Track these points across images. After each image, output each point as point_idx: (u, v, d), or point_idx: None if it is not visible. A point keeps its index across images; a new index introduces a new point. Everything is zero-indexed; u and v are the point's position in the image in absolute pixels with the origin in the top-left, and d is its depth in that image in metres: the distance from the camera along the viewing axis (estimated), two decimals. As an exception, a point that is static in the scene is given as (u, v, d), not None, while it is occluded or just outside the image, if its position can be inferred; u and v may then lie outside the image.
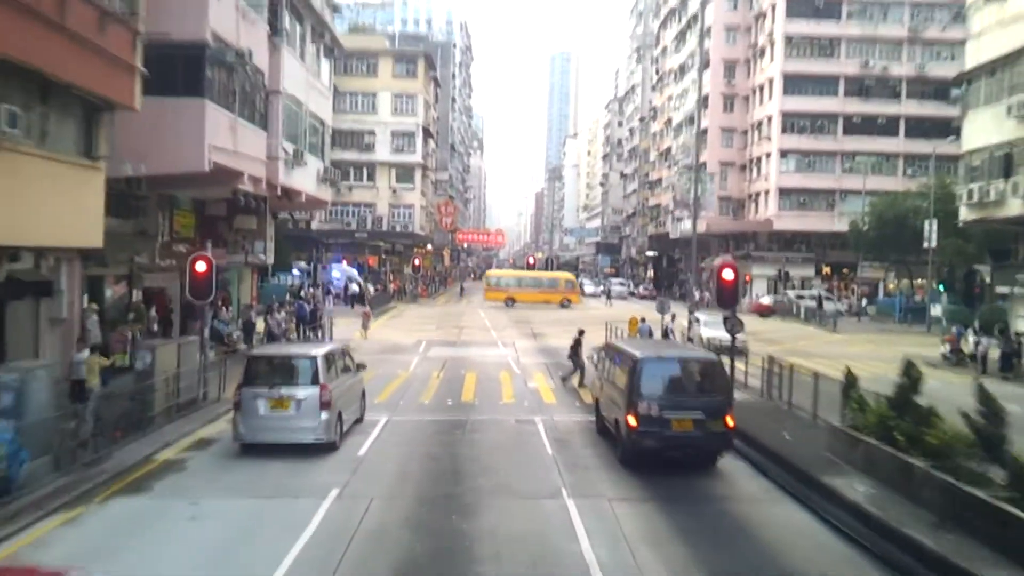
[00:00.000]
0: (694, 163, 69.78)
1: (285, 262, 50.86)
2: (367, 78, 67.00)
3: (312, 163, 29.94)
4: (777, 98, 64.65)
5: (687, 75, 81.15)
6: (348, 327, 38.90)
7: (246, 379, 14.48)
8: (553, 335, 38.52)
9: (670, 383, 13.94)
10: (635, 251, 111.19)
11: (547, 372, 26.11)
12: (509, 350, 32.25)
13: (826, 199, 65.16)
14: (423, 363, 27.76)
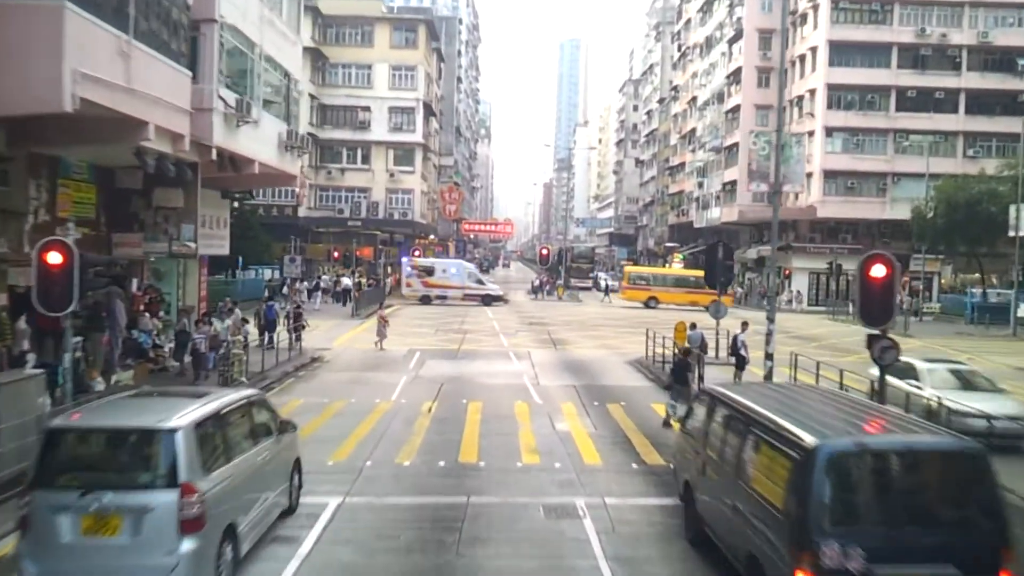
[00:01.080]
0: (767, 134, 62.69)
1: (261, 254, 44.24)
2: (361, 48, 60.07)
3: (269, 124, 23.13)
4: (822, 69, 57.48)
5: (715, 48, 74.15)
6: (330, 332, 32.15)
7: (40, 474, 7.66)
8: (575, 342, 31.63)
9: (884, 501, 7.02)
10: (653, 242, 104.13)
11: (579, 402, 19.22)
12: (524, 364, 25.40)
13: (876, 183, 58.06)
14: (412, 387, 20.92)
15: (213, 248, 25.84)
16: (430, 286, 49.47)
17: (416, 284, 49.69)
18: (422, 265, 51.48)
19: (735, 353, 21.51)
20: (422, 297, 49.29)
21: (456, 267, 52.08)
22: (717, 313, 26.30)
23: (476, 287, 50.07)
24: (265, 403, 10.33)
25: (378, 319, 28.63)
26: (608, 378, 23.00)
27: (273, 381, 21.13)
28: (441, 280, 49.46)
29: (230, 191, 25.30)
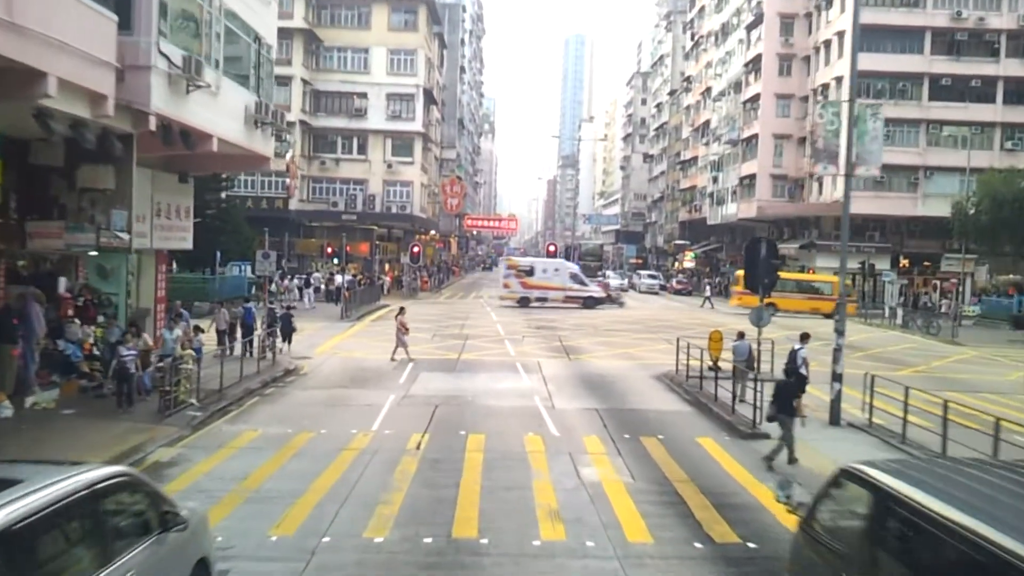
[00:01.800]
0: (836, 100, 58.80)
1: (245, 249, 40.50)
2: (357, 30, 56.29)
3: (233, 94, 19.35)
4: (849, 55, 53.40)
5: (731, 35, 70.30)
6: (314, 336, 28.39)
7: None
8: (590, 351, 27.85)
9: None
10: (662, 239, 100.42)
11: (605, 434, 15.43)
12: (534, 379, 21.63)
13: (907, 177, 54.19)
14: (399, 411, 17.15)
15: (172, 241, 22.11)
16: (529, 287, 46.14)
17: (514, 285, 46.38)
18: (521, 265, 48.10)
19: (793, 372, 17.67)
20: (520, 299, 45.95)
21: (558, 267, 48.48)
22: (759, 320, 22.46)
23: (578, 288, 46.52)
24: (138, 487, 6.49)
25: (397, 326, 24.67)
26: (636, 399, 19.22)
27: (231, 402, 17.38)
28: (541, 281, 46.09)
29: (188, 173, 21.50)
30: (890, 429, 15.99)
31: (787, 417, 13.73)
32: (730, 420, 16.46)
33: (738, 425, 16.04)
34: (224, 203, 41.09)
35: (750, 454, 14.24)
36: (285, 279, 42.88)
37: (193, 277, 36.63)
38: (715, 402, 18.18)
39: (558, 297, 45.77)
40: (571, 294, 46.02)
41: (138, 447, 13.63)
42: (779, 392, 14.06)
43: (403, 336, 24.46)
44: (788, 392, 13.92)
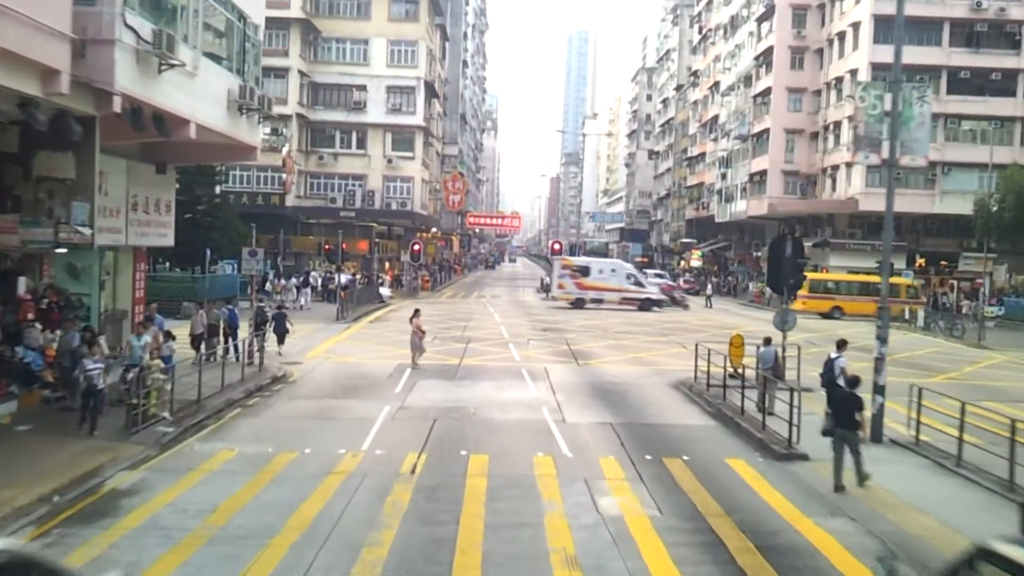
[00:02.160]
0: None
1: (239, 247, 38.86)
2: (356, 21, 54.55)
3: (214, 76, 17.70)
4: (865, 47, 51.79)
5: (741, 28, 68.54)
6: (307, 339, 26.75)
7: None
8: (600, 355, 26.20)
9: None
10: (668, 238, 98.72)
11: (624, 454, 13.78)
12: (541, 388, 19.98)
13: (924, 174, 52.27)
14: (393, 426, 15.50)
15: (150, 238, 20.53)
16: (584, 288, 44.51)
17: (569, 285, 44.74)
18: (576, 265, 46.24)
19: (829, 384, 16.00)
20: (575, 300, 44.36)
21: (615, 267, 46.88)
22: (783, 324, 20.83)
23: (635, 290, 44.83)
24: (28, 568, 4.81)
25: (413, 330, 22.76)
26: (653, 411, 17.56)
27: (209, 415, 15.76)
28: (597, 281, 44.45)
29: (167, 164, 19.84)
30: (940, 448, 14.34)
31: (848, 432, 12.14)
32: (761, 438, 14.79)
33: (771, 444, 14.37)
34: (217, 198, 39.48)
35: (789, 480, 12.58)
36: (282, 278, 41.28)
37: (181, 276, 35.04)
38: (742, 415, 16.52)
39: (614, 299, 44.13)
40: (628, 295, 44.35)
41: (95, 471, 12.01)
42: (838, 403, 12.49)
43: (420, 340, 22.67)
44: (849, 404, 12.33)
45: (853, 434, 12.26)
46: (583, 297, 44.40)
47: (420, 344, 22.69)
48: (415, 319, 23.04)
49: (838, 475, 12.12)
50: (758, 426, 15.47)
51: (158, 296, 33.09)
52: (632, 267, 49.38)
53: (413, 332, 22.78)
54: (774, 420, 15.41)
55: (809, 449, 13.87)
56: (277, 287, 39.39)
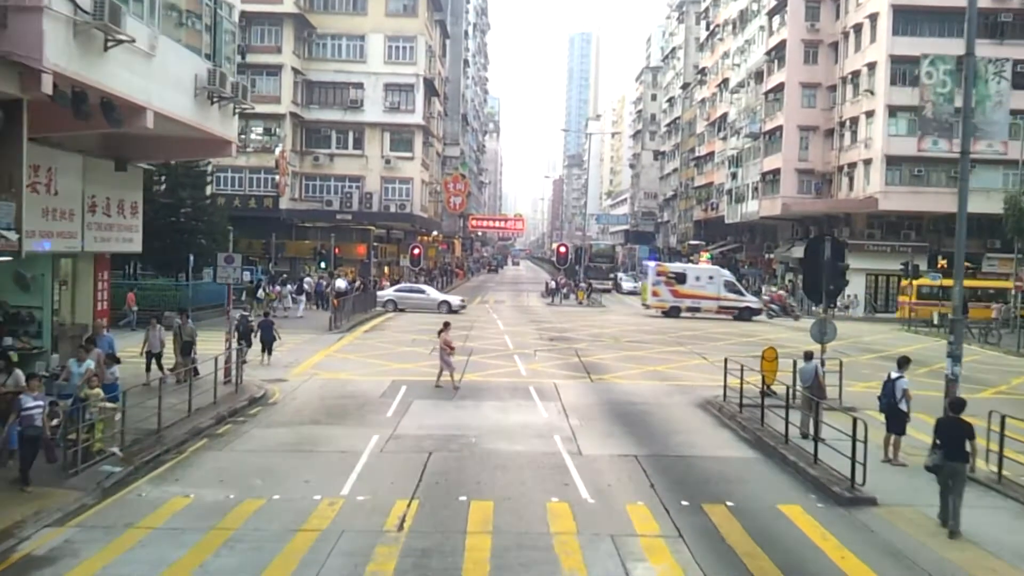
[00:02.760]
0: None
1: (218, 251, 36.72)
2: (353, 16, 52.37)
3: (176, 58, 15.50)
4: (884, 39, 49.48)
5: (751, 23, 66.30)
6: (296, 351, 24.55)
7: None
8: (614, 368, 23.94)
9: None
10: (675, 239, 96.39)
11: (654, 498, 11.54)
12: (551, 410, 17.72)
13: (947, 171, 49.94)
14: (382, 462, 13.26)
15: (113, 243, 18.34)
16: (680, 296, 42.53)
17: (664, 293, 42.69)
18: (672, 271, 44.05)
19: (889, 407, 13.75)
20: (670, 309, 42.38)
21: (713, 274, 44.37)
22: (821, 336, 18.63)
23: (733, 298, 42.70)
24: None
25: (440, 345, 20.24)
26: (682, 440, 15.29)
27: (168, 448, 13.56)
28: (694, 289, 42.40)
29: (128, 159, 17.63)
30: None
31: (958, 466, 10.02)
32: (815, 475, 12.53)
33: (828, 483, 12.11)
34: (205, 200, 37.31)
35: (861, 534, 10.33)
36: (276, 285, 39.13)
37: (163, 284, 32.87)
38: (786, 444, 14.26)
39: (711, 307, 42.11)
40: (725, 304, 42.26)
41: (12, 529, 9.80)
42: (945, 431, 10.38)
43: (448, 357, 20.22)
44: (957, 432, 10.22)
45: (962, 468, 10.15)
46: (678, 305, 42.41)
47: (450, 361, 20.25)
48: (444, 333, 20.43)
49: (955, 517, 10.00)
50: (808, 459, 13.21)
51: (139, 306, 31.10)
52: (730, 274, 46.78)
53: (440, 348, 20.32)
54: (822, 448, 13.17)
55: (876, 489, 11.64)
56: (271, 294, 37.24)
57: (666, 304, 42.64)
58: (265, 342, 23.14)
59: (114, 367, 13.67)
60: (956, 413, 11.02)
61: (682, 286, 42.64)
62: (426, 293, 41.41)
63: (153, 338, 18.93)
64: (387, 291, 42.16)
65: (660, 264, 46.44)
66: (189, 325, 19.39)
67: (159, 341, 18.96)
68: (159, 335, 18.96)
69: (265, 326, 23.36)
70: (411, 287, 43.41)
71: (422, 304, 40.14)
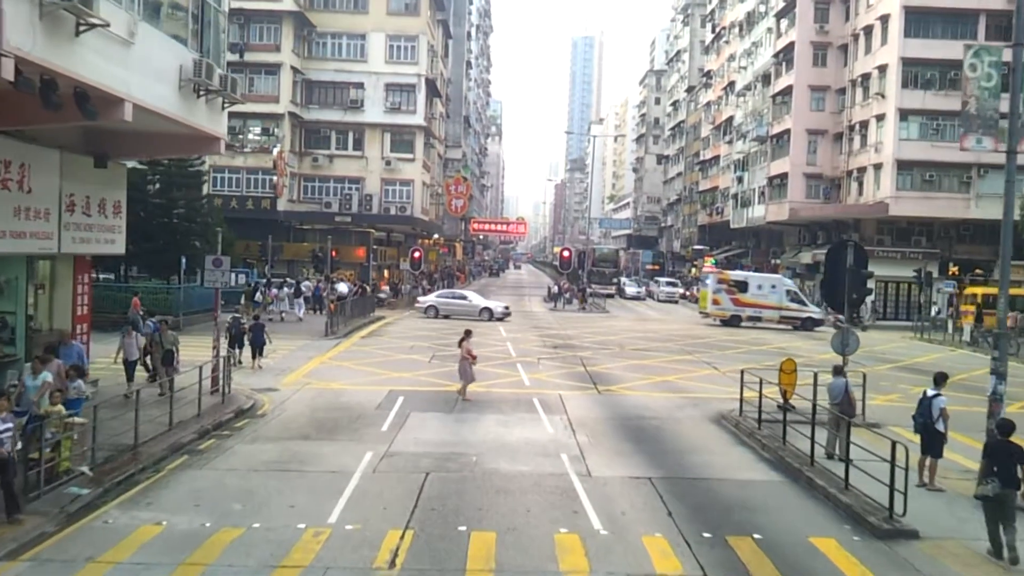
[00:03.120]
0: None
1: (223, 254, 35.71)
2: (353, 14, 51.43)
3: (159, 47, 14.48)
4: (895, 41, 48.46)
5: (758, 25, 65.33)
6: (289, 358, 23.54)
7: None
8: (621, 379, 22.89)
9: None
10: (679, 244, 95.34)
11: (673, 528, 10.47)
12: (557, 425, 16.67)
13: (959, 176, 48.97)
14: (374, 484, 12.19)
15: (93, 244, 17.28)
16: (741, 304, 41.64)
17: (725, 301, 41.82)
18: (733, 279, 43.02)
19: (925, 428, 12.69)
20: (731, 317, 41.51)
21: (775, 283, 43.33)
22: (844, 347, 17.58)
23: (796, 308, 41.70)
24: None
25: (462, 355, 19.15)
26: (699, 459, 14.22)
27: (144, 467, 12.53)
28: (755, 298, 41.47)
29: (107, 155, 16.58)
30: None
31: (1007, 493, 9.04)
32: (847, 502, 11.46)
33: (863, 512, 11.03)
34: (200, 201, 36.32)
35: (906, 574, 9.25)
36: (273, 288, 38.15)
37: (155, 287, 31.83)
38: (811, 466, 13.20)
39: (772, 317, 41.20)
40: (787, 314, 41.29)
41: (-44, 563, 8.76)
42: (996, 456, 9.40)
43: (469, 367, 19.10)
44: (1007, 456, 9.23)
45: (1012, 495, 9.13)
46: (739, 314, 41.50)
47: (470, 372, 19.13)
48: (465, 342, 19.29)
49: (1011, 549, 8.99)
50: (838, 484, 12.15)
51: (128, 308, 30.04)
52: (792, 283, 45.63)
53: (462, 358, 19.22)
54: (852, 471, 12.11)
55: (916, 519, 10.58)
56: (269, 297, 36.29)
57: (726, 313, 41.69)
58: (255, 345, 22.51)
59: (78, 380, 12.58)
60: (1004, 435, 10.03)
61: (743, 295, 41.66)
62: (468, 299, 40.58)
63: (129, 345, 17.82)
64: (429, 297, 41.50)
65: (721, 272, 45.28)
66: (170, 333, 18.30)
67: (136, 348, 17.85)
68: (136, 342, 17.87)
69: (256, 328, 22.72)
70: (452, 293, 42.74)
71: (464, 311, 39.18)
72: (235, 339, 22.83)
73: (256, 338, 22.55)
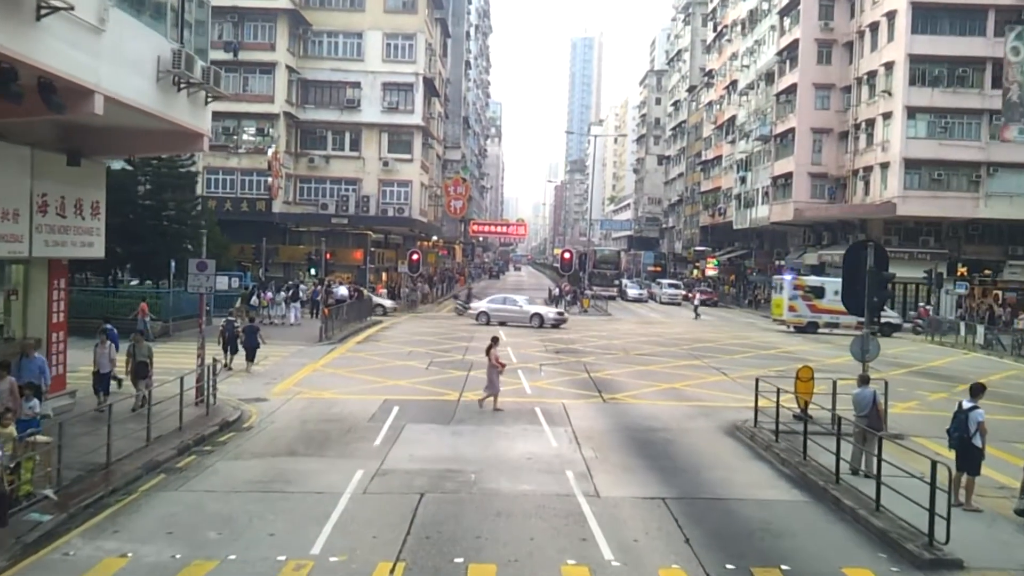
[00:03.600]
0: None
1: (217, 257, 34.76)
2: (350, 13, 50.43)
3: (131, 34, 13.50)
4: (902, 37, 47.49)
5: (761, 23, 64.42)
6: (281, 365, 22.60)
7: None
8: (628, 386, 21.91)
9: None
10: (680, 245, 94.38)
11: (694, 559, 9.49)
12: (561, 436, 15.71)
13: (968, 175, 48.00)
14: (363, 508, 11.20)
15: (69, 248, 16.34)
16: (818, 311, 40.59)
17: (801, 308, 40.81)
18: (809, 285, 41.79)
19: (961, 443, 11.70)
20: (807, 324, 40.47)
21: None
22: (863, 353, 16.63)
23: None
24: None
25: (491, 363, 18.15)
26: (714, 476, 13.24)
27: (117, 487, 11.58)
28: (833, 304, 39.43)
29: (80, 153, 15.59)
30: None
31: None
32: (881, 527, 10.48)
33: (900, 539, 10.05)
34: (190, 202, 35.34)
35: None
36: (270, 291, 37.28)
37: (144, 291, 30.84)
38: (837, 484, 12.23)
39: (850, 323, 39.66)
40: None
41: None
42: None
43: (497, 377, 18.07)
44: None
45: None
46: (816, 321, 40.54)
47: (497, 382, 18.04)
48: (493, 349, 18.28)
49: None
50: (868, 505, 11.18)
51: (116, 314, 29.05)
52: None
53: (490, 367, 18.14)
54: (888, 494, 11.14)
55: (957, 546, 9.60)
56: (264, 301, 35.39)
57: (803, 320, 40.71)
58: (248, 348, 22.51)
59: (33, 400, 11.55)
60: None
61: (820, 300, 40.52)
62: (519, 305, 39.72)
63: (101, 356, 16.65)
64: (481, 303, 40.99)
65: (798, 278, 44.13)
66: (145, 344, 17.21)
67: (108, 360, 16.71)
68: (109, 352, 16.75)
69: (250, 331, 22.75)
70: (504, 298, 41.96)
71: (514, 316, 38.50)
72: (228, 342, 22.69)
73: (249, 341, 22.46)
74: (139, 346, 16.73)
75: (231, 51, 46.29)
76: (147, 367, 16.49)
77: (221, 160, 47.73)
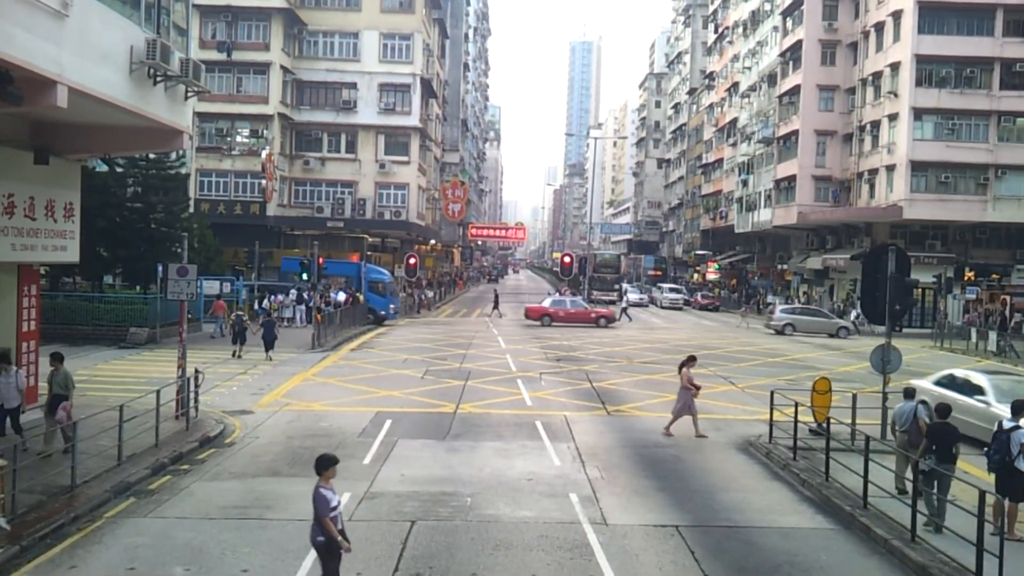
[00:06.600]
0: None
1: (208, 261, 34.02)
2: (346, 12, 49.53)
3: (99, 21, 12.54)
4: (908, 38, 46.57)
5: (763, 24, 63.55)
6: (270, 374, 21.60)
7: None
8: (632, 397, 20.89)
9: None
10: (681, 249, 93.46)
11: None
12: (564, 453, 14.71)
13: (975, 178, 47.07)
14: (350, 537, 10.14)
15: (40, 252, 15.38)
16: None
17: None
18: None
19: (1003, 466, 10.67)
20: None
21: None
22: (884, 364, 15.70)
23: None
24: None
25: (683, 384, 16.53)
26: (729, 498, 12.24)
27: (81, 513, 10.59)
28: None
29: (48, 150, 14.58)
30: None
31: None
32: (920, 561, 9.47)
33: (941, 575, 9.05)
34: (180, 205, 34.39)
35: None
36: (279, 295, 36.60)
37: (129, 296, 29.87)
38: (865, 509, 11.23)
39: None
40: None
41: None
42: None
43: (693, 401, 16.45)
44: None
45: None
46: None
47: (694, 406, 16.44)
48: (686, 367, 16.62)
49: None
50: (902, 535, 10.18)
51: (100, 321, 28.14)
52: None
53: (682, 388, 16.55)
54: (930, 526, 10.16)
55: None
56: (274, 304, 34.62)
57: None
58: (267, 340, 25.39)
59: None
60: None
61: None
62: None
63: (6, 387, 13.20)
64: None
65: None
66: (63, 370, 13.70)
67: (16, 391, 13.36)
68: (16, 381, 13.44)
69: (267, 325, 25.94)
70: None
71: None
72: (238, 335, 25.69)
73: (267, 334, 25.43)
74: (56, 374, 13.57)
75: (224, 51, 45.38)
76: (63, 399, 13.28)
77: (214, 162, 46.80)
